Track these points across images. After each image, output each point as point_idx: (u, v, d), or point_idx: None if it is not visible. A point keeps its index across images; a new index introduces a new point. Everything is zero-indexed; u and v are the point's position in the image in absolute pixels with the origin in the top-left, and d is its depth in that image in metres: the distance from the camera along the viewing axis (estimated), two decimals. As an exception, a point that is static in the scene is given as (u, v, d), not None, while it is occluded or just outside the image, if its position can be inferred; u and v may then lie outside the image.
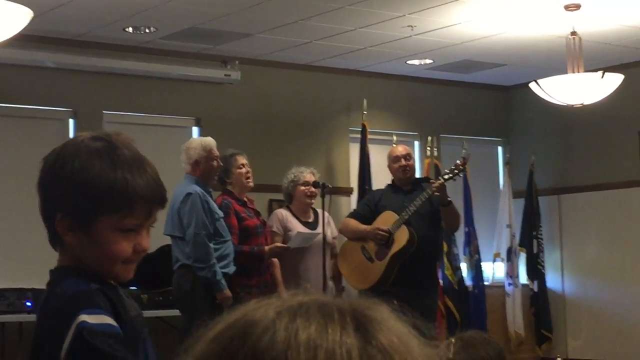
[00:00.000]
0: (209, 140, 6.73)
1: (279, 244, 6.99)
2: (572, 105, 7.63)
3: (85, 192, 2.00)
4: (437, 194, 6.85)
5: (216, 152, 6.67)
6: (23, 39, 6.91)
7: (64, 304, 2.02)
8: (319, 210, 7.33)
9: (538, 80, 7.51)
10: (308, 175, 7.34)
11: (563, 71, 7.49)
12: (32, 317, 7.16)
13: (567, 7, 7.42)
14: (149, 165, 2.07)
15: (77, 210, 2.02)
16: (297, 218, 7.32)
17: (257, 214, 7.10)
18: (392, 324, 0.95)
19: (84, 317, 1.95)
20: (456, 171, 7.08)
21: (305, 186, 7.29)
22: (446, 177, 7.04)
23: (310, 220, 7.36)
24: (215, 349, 0.93)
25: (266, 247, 6.86)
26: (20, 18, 5.31)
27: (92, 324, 1.95)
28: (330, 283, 7.28)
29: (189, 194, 6.39)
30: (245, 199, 7.00)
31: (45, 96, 8.07)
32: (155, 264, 7.99)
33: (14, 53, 7.56)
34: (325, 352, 0.89)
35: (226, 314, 0.96)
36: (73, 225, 2.03)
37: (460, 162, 7.16)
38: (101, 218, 2.00)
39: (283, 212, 7.33)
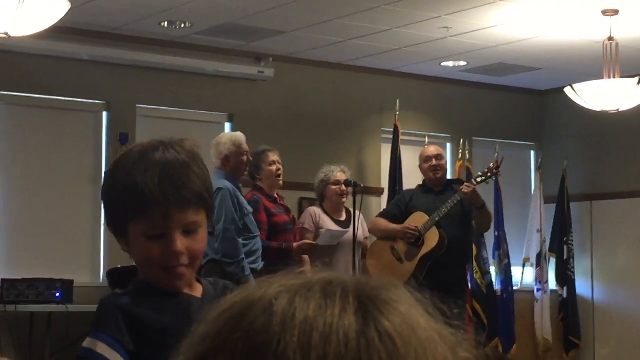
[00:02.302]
0: (239, 135, 6.72)
1: (307, 241, 6.98)
2: (608, 111, 7.57)
3: (112, 198, 2.03)
4: (467, 198, 6.82)
5: (246, 147, 6.65)
6: (59, 31, 6.96)
7: None
8: (352, 210, 7.32)
9: (573, 85, 7.46)
10: (339, 174, 7.33)
11: (599, 76, 7.43)
12: (60, 308, 7.23)
13: (604, 12, 7.37)
14: (183, 170, 2.02)
15: (110, 219, 2.06)
16: (330, 216, 7.31)
17: (287, 210, 7.09)
18: (401, 306, 0.89)
19: (86, 341, 2.05)
20: (489, 174, 7.05)
21: (336, 185, 7.28)
22: (479, 179, 7.02)
23: (343, 219, 7.35)
24: (211, 331, 0.88)
25: (295, 244, 6.86)
26: (58, 10, 5.34)
27: (82, 351, 2.04)
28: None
29: (219, 189, 6.38)
30: (276, 195, 7.00)
31: (80, 88, 8.11)
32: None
33: (50, 45, 7.61)
34: (320, 335, 0.84)
35: (232, 294, 0.92)
36: (115, 231, 2.06)
37: (493, 165, 7.13)
38: (130, 223, 2.01)
39: (316, 210, 7.33)
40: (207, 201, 2.07)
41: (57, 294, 7.38)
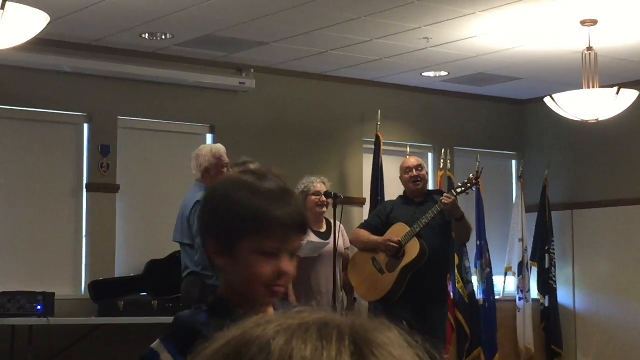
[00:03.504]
0: (219, 147, 6.69)
1: (288, 253, 6.97)
2: (587, 121, 7.62)
3: (229, 217, 2.14)
4: (447, 209, 6.84)
5: (226, 159, 6.62)
6: (39, 43, 6.95)
7: None
8: (332, 221, 7.32)
9: (553, 95, 7.50)
10: (319, 185, 7.33)
11: (578, 86, 7.47)
12: (42, 321, 7.20)
13: (583, 22, 7.41)
14: (292, 198, 2.19)
15: (222, 234, 2.15)
16: (310, 228, 7.30)
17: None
18: (394, 350, 0.90)
19: (155, 343, 2.14)
20: (469, 185, 7.07)
21: (316, 196, 7.28)
22: (459, 190, 7.04)
23: (323, 230, 7.35)
24: None
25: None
26: (37, 22, 5.34)
27: (148, 351, 2.13)
28: (341, 293, 7.26)
29: (198, 202, 6.37)
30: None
31: (61, 100, 8.10)
32: (165, 270, 8.04)
33: (31, 57, 7.60)
34: None
35: (227, 329, 0.94)
36: (220, 248, 2.16)
37: (474, 175, 7.16)
38: (243, 241, 2.12)
39: (295, 222, 7.32)
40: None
41: (39, 307, 7.35)
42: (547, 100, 7.55)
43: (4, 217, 7.87)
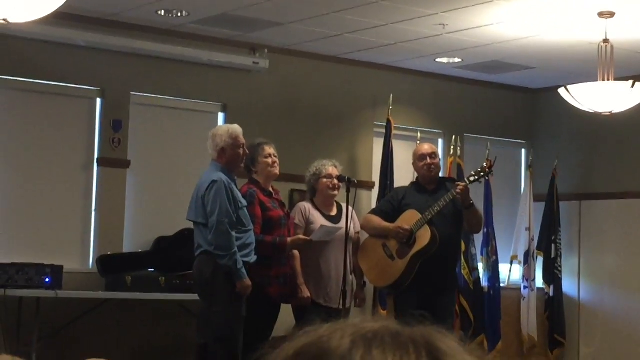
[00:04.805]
0: (236, 128, 6.67)
1: (301, 236, 6.98)
2: (601, 113, 7.60)
3: None
4: (459, 196, 6.85)
5: (242, 140, 6.61)
6: (55, 17, 6.92)
7: None
8: (343, 205, 7.32)
9: (568, 86, 7.48)
10: (330, 168, 7.33)
11: (592, 78, 7.46)
12: (49, 293, 7.24)
13: (600, 14, 7.39)
14: None
15: None
16: (320, 211, 7.31)
17: (282, 205, 7.09)
18: (462, 357, 0.95)
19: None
20: (482, 174, 7.07)
21: (328, 179, 7.28)
22: (472, 179, 7.03)
23: (333, 214, 7.35)
24: None
25: (289, 239, 6.87)
26: (57, -3, 5.32)
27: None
28: (351, 277, 7.27)
29: (214, 181, 6.37)
30: (271, 190, 7.00)
31: (75, 74, 8.09)
32: (173, 247, 8.06)
33: (46, 30, 7.58)
34: None
35: (295, 335, 0.95)
36: None
37: (486, 164, 7.15)
38: None
39: (306, 205, 7.33)
40: None
41: (47, 280, 7.38)
42: (562, 91, 7.53)
43: (15, 188, 7.89)
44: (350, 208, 7.14)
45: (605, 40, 7.44)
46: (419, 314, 1.01)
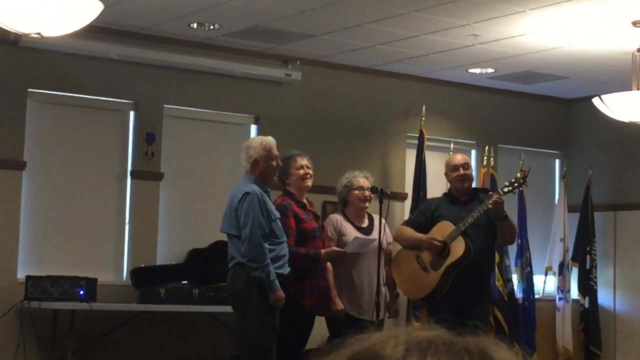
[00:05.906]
0: (269, 140, 6.68)
1: (335, 248, 6.97)
2: (636, 123, 7.54)
3: None
4: (492, 207, 6.81)
5: (275, 152, 6.61)
6: (89, 30, 6.97)
7: None
8: (375, 216, 7.30)
9: (602, 96, 7.43)
10: (362, 179, 7.32)
11: (626, 87, 7.41)
12: (84, 306, 7.27)
13: (634, 23, 7.35)
14: None
15: None
16: (352, 223, 7.29)
17: (316, 217, 7.08)
18: None
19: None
20: (516, 184, 7.02)
21: (359, 190, 7.26)
22: (505, 189, 6.99)
23: (365, 225, 7.33)
24: None
25: (322, 251, 6.86)
26: (91, 10, 5.36)
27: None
28: (384, 289, 7.24)
29: (247, 193, 6.38)
30: (305, 202, 7.00)
31: (108, 87, 8.15)
32: (207, 259, 8.08)
33: (79, 43, 7.64)
34: None
35: (347, 342, 0.94)
36: None
37: (521, 175, 7.11)
38: None
39: (337, 217, 7.31)
40: None
41: (81, 292, 7.43)
42: (596, 100, 7.48)
43: (50, 201, 7.94)
44: (384, 220, 7.11)
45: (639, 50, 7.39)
46: (467, 324, 1.01)
